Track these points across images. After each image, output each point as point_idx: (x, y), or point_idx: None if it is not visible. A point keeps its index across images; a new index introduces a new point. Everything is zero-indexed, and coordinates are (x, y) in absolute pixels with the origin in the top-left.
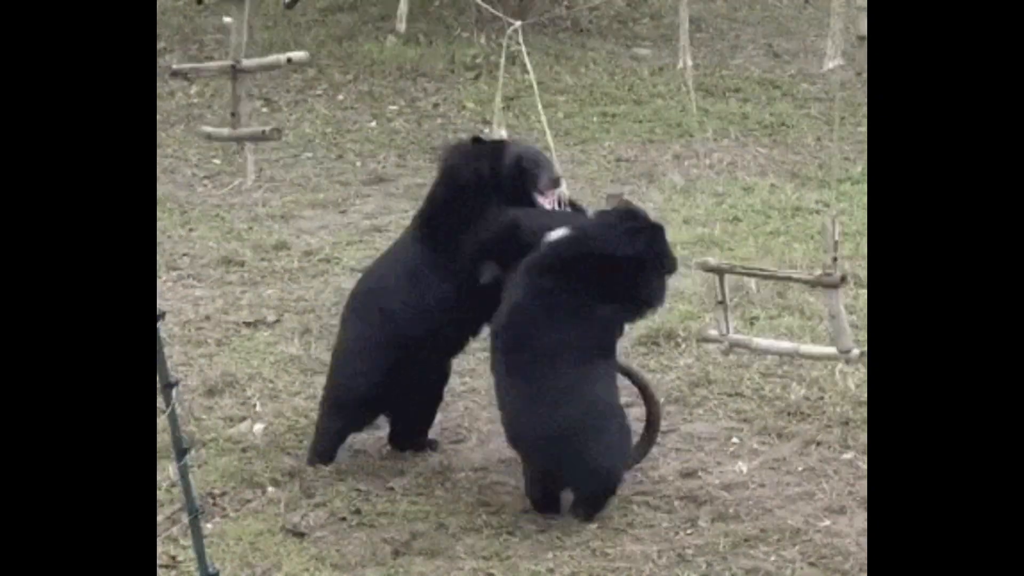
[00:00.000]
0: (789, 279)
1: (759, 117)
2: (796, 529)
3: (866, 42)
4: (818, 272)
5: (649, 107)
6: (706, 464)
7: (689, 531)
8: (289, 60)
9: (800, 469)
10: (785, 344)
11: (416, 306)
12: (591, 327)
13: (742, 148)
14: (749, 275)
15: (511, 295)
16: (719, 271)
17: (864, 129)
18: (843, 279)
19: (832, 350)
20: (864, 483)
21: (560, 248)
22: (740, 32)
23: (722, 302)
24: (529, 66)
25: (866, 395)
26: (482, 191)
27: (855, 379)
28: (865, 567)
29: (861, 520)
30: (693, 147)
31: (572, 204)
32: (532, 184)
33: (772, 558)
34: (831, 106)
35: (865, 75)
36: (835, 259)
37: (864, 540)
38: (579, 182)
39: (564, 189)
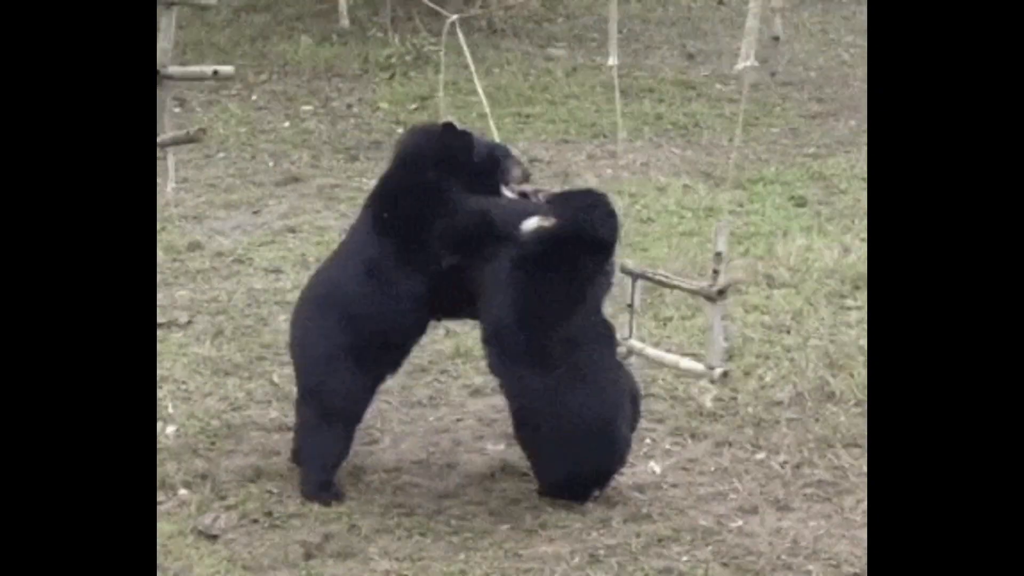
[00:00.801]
0: (674, 287)
1: (673, 118)
2: (708, 529)
3: (779, 43)
4: (706, 282)
5: (564, 108)
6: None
7: (602, 531)
8: (215, 73)
9: (712, 469)
10: (669, 356)
11: (386, 304)
12: (589, 311)
13: (656, 148)
14: (648, 279)
15: (504, 291)
16: (634, 275)
17: (777, 130)
18: (721, 292)
19: (699, 366)
20: (776, 483)
21: (546, 236)
22: (654, 33)
23: (631, 306)
24: (470, 59)
25: (779, 396)
26: (448, 179)
27: (769, 378)
28: (776, 566)
29: (773, 520)
30: (607, 147)
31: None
32: (503, 176)
33: (684, 558)
34: (744, 106)
35: (777, 76)
36: (716, 271)
37: (775, 539)
38: None
39: (530, 185)
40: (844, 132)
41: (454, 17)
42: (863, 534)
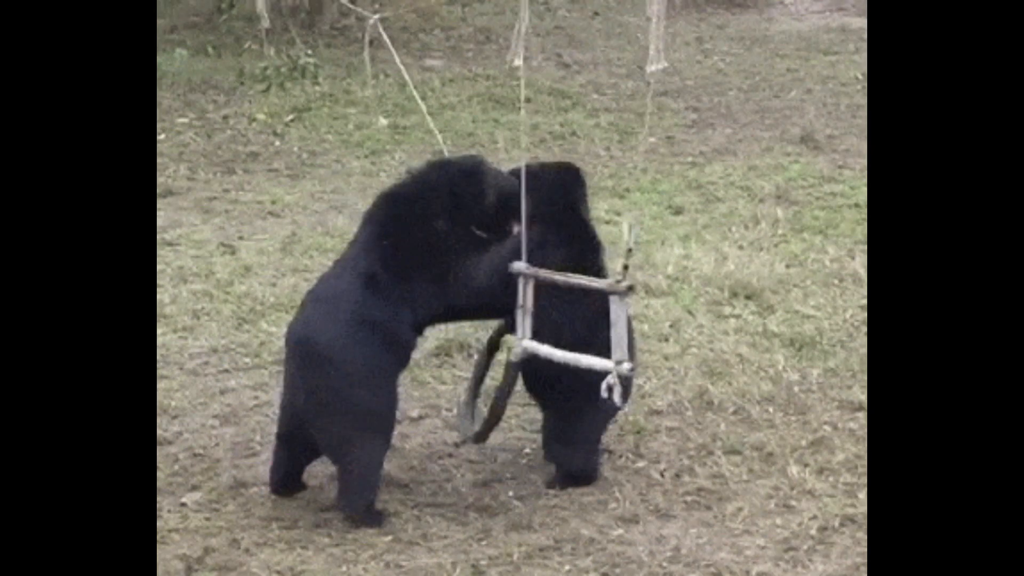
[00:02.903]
0: (578, 286)
1: (550, 127)
2: (590, 538)
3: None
4: (608, 280)
5: (440, 118)
6: (500, 475)
7: (483, 542)
8: None
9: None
10: (568, 354)
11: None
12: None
13: (533, 158)
14: (551, 282)
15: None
16: (526, 276)
17: (654, 139)
18: (630, 288)
19: (607, 362)
20: (656, 491)
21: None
22: (530, 43)
23: (522, 306)
24: (398, 60)
25: (659, 404)
26: (460, 218)
27: (649, 387)
28: (657, 575)
29: (654, 528)
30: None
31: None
32: (514, 216)
33: (566, 567)
34: (622, 116)
35: (654, 85)
36: (626, 267)
37: (656, 548)
38: (370, 194)
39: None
40: (720, 140)
41: (375, 18)
42: (744, 541)
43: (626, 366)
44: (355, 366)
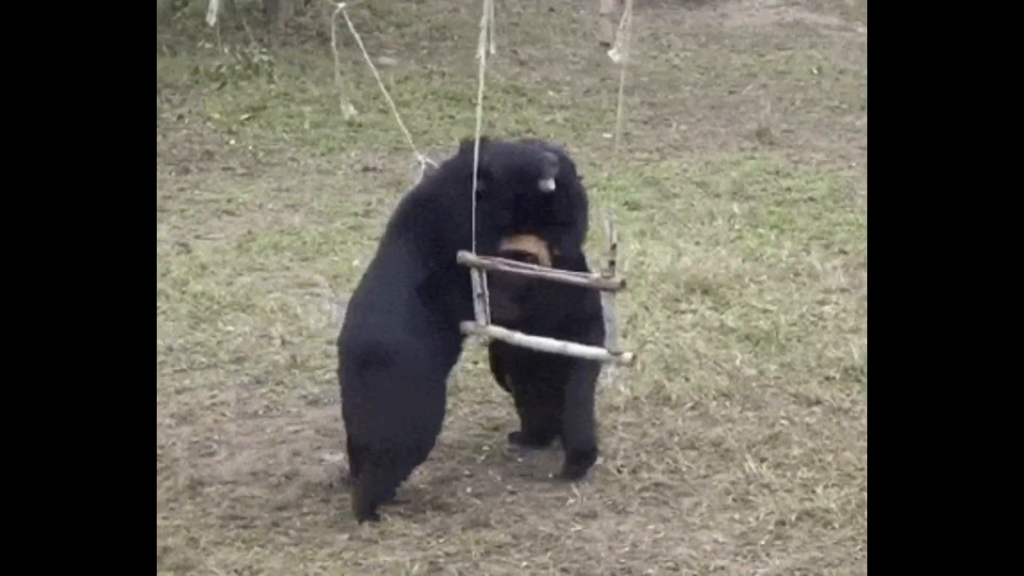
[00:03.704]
0: (565, 281)
1: (505, 124)
2: (548, 535)
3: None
4: (595, 275)
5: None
6: (458, 472)
7: (441, 539)
8: None
9: (551, 475)
10: (551, 342)
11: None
12: None
13: None
14: (517, 273)
15: None
16: (479, 266)
17: (610, 135)
18: (623, 284)
19: (600, 351)
20: (614, 487)
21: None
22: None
23: (481, 295)
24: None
25: (616, 400)
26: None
27: (605, 382)
28: (616, 570)
29: (612, 524)
30: (439, 155)
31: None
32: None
33: (524, 564)
34: (577, 112)
35: (609, 82)
36: (612, 262)
37: (614, 544)
38: (326, 192)
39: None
40: (676, 136)
41: (341, 6)
42: (702, 536)
43: (627, 355)
44: (410, 374)
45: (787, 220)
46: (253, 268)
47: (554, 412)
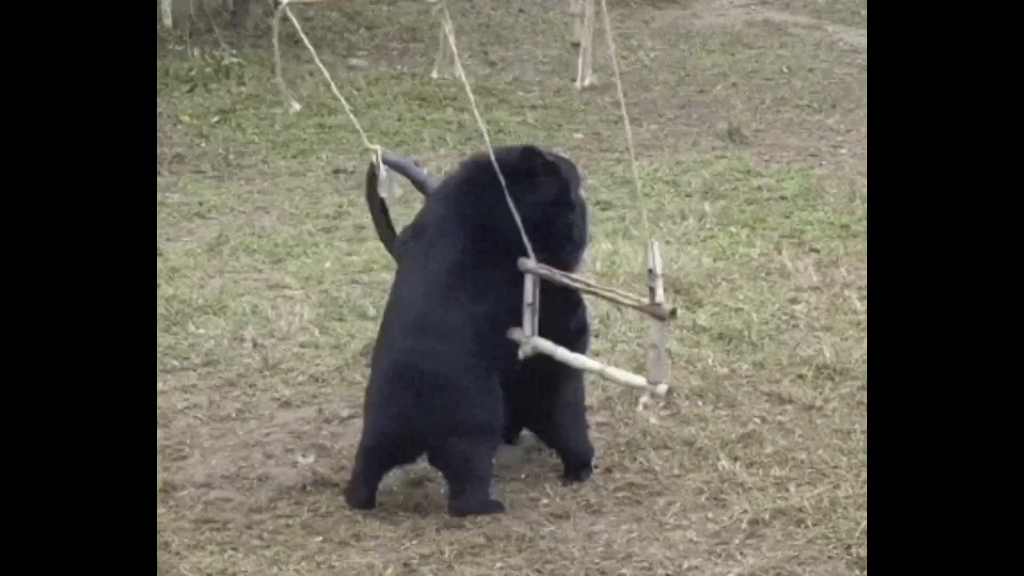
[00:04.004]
0: (615, 301)
1: (476, 125)
2: (521, 535)
3: (580, 49)
4: (645, 299)
5: (366, 117)
6: (430, 473)
7: (415, 540)
8: None
9: (524, 476)
10: (591, 363)
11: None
12: None
13: (460, 156)
14: (570, 283)
15: None
16: (537, 274)
17: (581, 135)
18: (674, 312)
19: (640, 379)
20: (587, 487)
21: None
22: (455, 41)
23: (531, 304)
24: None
25: (588, 400)
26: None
27: None
28: (590, 571)
29: (585, 524)
30: (412, 157)
31: None
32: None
33: (499, 565)
34: (548, 113)
35: (578, 82)
36: (652, 289)
37: (588, 544)
38: (297, 194)
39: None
40: (646, 136)
41: (285, 2)
42: (675, 536)
43: (662, 387)
44: (470, 390)
45: (758, 219)
46: (224, 271)
47: (537, 415)
